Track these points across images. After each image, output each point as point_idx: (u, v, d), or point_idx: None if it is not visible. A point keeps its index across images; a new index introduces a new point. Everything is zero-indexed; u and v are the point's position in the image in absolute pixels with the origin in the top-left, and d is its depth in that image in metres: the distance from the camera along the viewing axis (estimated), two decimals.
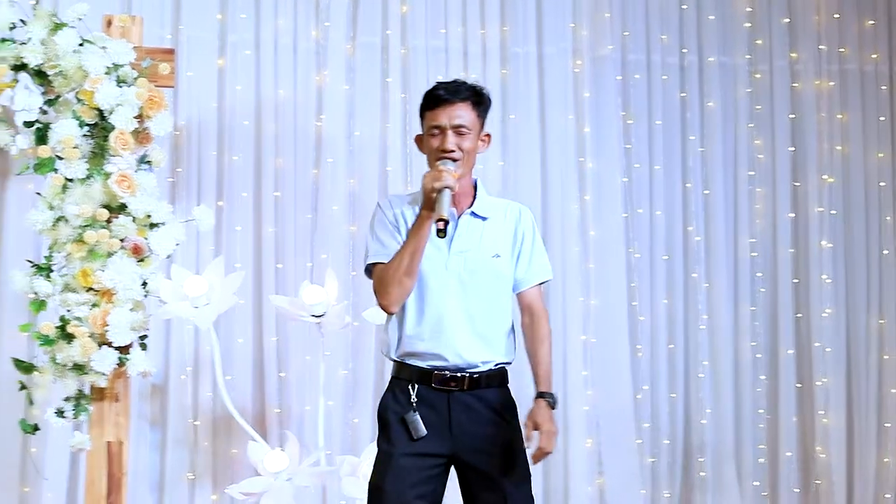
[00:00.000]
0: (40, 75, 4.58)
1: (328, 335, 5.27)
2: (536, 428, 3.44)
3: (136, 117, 4.57)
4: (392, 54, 5.98)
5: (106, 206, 4.56)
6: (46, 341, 4.57)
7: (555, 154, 6.09)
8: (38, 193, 4.67)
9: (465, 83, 3.60)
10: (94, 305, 4.54)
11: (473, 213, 3.60)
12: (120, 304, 4.53)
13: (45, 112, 4.64)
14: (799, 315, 6.26)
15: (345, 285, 5.59)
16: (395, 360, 3.61)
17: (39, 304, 4.61)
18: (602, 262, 6.11)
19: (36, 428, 4.74)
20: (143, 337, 4.66)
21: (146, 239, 4.60)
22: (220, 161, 5.74)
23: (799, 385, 6.23)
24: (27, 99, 4.56)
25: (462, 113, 3.52)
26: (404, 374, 3.56)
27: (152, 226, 4.63)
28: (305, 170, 5.84)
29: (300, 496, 5.23)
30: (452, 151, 3.50)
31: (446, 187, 3.39)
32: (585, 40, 6.18)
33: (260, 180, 5.78)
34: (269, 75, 5.85)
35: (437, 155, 3.51)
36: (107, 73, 4.55)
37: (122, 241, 4.56)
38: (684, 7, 6.31)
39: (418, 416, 3.48)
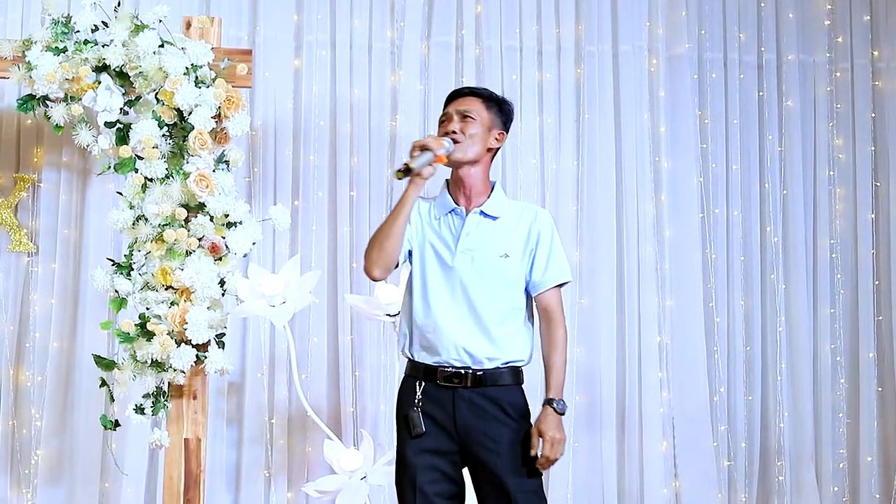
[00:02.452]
0: (121, 76, 4.64)
1: None
2: (541, 435, 3.50)
3: (214, 117, 4.61)
4: (467, 54, 5.98)
5: (185, 206, 4.61)
6: (126, 339, 4.63)
7: (630, 154, 6.04)
8: (119, 193, 4.73)
9: (481, 88, 3.77)
10: (172, 303, 4.59)
11: (483, 213, 3.64)
12: (198, 303, 4.57)
13: (125, 112, 4.71)
14: (880, 318, 6.14)
15: None
16: (407, 357, 3.69)
17: (120, 302, 4.67)
18: (678, 262, 6.05)
19: (116, 424, 4.80)
20: (220, 335, 4.70)
21: (224, 238, 4.64)
22: (296, 161, 5.78)
23: (880, 389, 6.11)
24: (109, 100, 4.62)
25: (469, 103, 3.65)
26: (413, 371, 3.64)
27: (230, 225, 4.67)
28: (380, 169, 5.86)
29: (375, 495, 5.25)
30: (454, 133, 3.59)
31: (427, 148, 3.48)
32: (661, 39, 6.13)
33: (335, 180, 5.81)
34: (344, 75, 5.88)
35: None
36: (186, 74, 4.59)
37: (200, 239, 4.60)
38: (763, 5, 6.23)
39: (419, 413, 3.55)
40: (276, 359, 5.68)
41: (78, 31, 4.64)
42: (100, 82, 4.62)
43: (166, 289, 4.60)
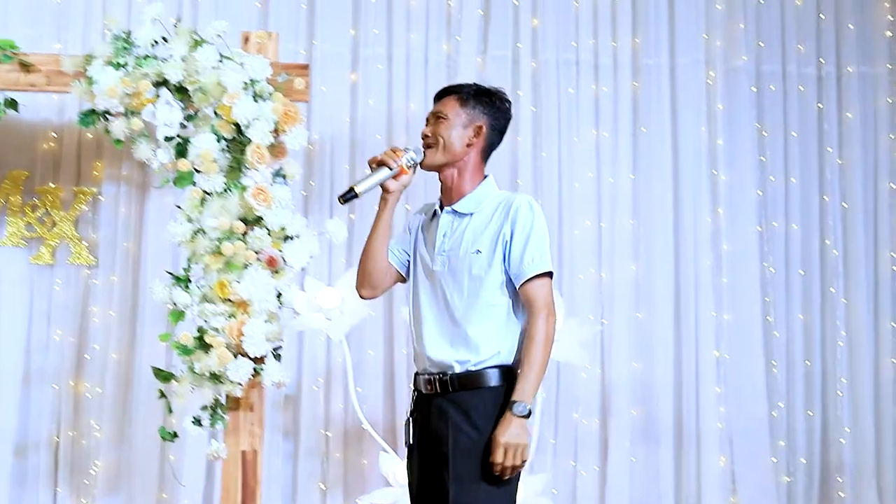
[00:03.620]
0: (181, 91, 4.69)
1: None
2: (494, 441, 3.23)
3: (271, 131, 4.64)
4: (523, 67, 5.98)
5: (242, 219, 4.64)
6: (185, 351, 4.66)
7: (687, 167, 6.01)
8: (178, 206, 4.78)
9: (468, 83, 3.58)
10: (230, 316, 4.62)
11: (454, 211, 3.48)
12: (255, 316, 4.60)
13: (184, 127, 4.75)
14: None
15: None
16: None
17: (178, 315, 4.71)
18: (735, 276, 6.00)
19: (174, 436, 4.83)
20: (277, 348, 4.72)
21: (281, 251, 4.66)
22: (353, 174, 5.79)
23: None
24: (168, 114, 4.67)
25: (444, 103, 3.50)
26: (413, 381, 3.53)
27: (287, 238, 4.69)
28: (435, 183, 5.82)
29: None
30: (426, 137, 3.49)
31: (383, 163, 3.40)
32: (719, 51, 6.10)
33: None
34: (400, 89, 5.90)
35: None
36: (244, 89, 4.63)
37: (257, 253, 4.63)
38: (822, 16, 6.17)
39: (409, 424, 3.44)
40: (332, 371, 5.70)
41: (138, 47, 4.69)
42: (159, 97, 4.67)
43: (224, 301, 4.63)
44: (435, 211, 3.55)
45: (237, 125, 4.63)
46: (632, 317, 5.88)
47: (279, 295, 4.66)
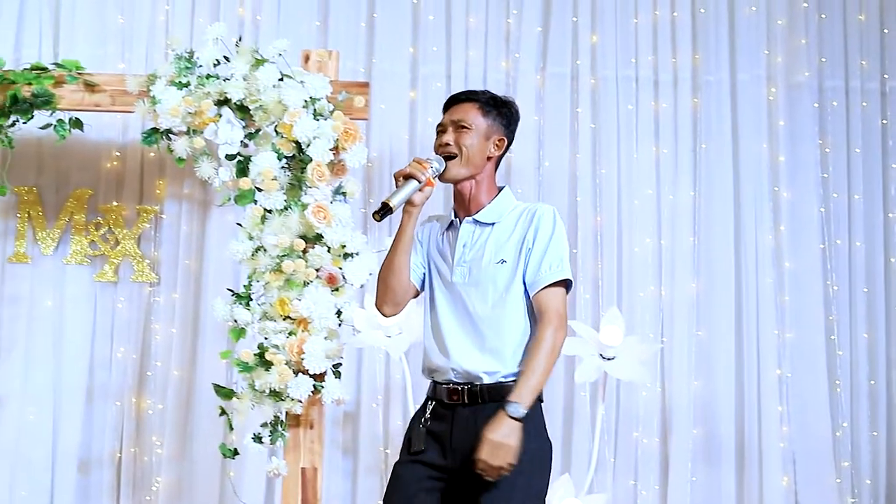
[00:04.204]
0: (242, 109, 4.73)
1: None
2: (483, 437, 3.17)
3: (331, 149, 4.67)
4: (582, 84, 5.97)
5: (302, 237, 4.66)
6: (245, 368, 4.68)
7: (748, 184, 5.96)
8: (239, 224, 4.81)
9: (481, 91, 3.49)
10: (290, 333, 4.64)
11: (475, 221, 3.42)
12: (315, 333, 4.61)
13: (245, 145, 4.79)
14: None
15: None
16: (427, 378, 3.48)
17: (239, 332, 4.74)
18: (798, 294, 5.93)
19: (235, 452, 4.85)
20: (337, 365, 4.73)
21: (341, 269, 4.68)
22: None
23: None
24: (229, 133, 4.71)
25: (465, 111, 3.40)
26: (428, 391, 3.43)
27: (347, 256, 4.71)
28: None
29: None
30: (448, 146, 3.38)
31: (411, 176, 3.30)
32: (780, 67, 6.04)
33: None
34: None
35: (436, 152, 3.41)
36: (304, 107, 4.66)
37: (317, 270, 4.65)
38: (886, 31, 6.09)
39: (422, 431, 3.33)
40: (391, 389, 5.70)
41: (200, 66, 4.75)
42: (221, 115, 4.72)
43: (284, 319, 4.65)
44: (452, 221, 3.48)
45: (297, 143, 4.67)
46: (692, 335, 5.83)
47: (339, 312, 4.68)
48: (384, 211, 3.26)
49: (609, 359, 5.03)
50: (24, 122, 4.93)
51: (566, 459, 5.71)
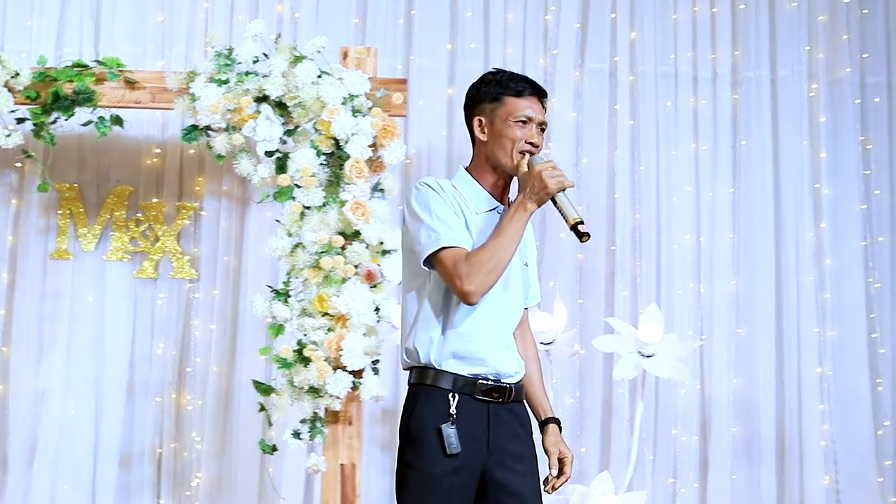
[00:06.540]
0: (281, 106, 4.75)
1: (556, 363, 5.25)
2: (562, 456, 3.21)
3: (370, 146, 4.68)
4: (620, 80, 5.95)
5: (341, 233, 4.67)
6: (284, 364, 4.70)
7: (789, 180, 5.92)
8: (277, 221, 4.83)
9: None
10: (329, 330, 4.65)
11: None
12: (354, 329, 4.62)
13: (284, 142, 4.81)
14: None
15: (573, 313, 5.57)
16: (429, 367, 3.19)
17: (278, 329, 4.75)
18: (839, 292, 5.89)
19: (274, 448, 4.86)
20: (375, 361, 4.74)
21: (379, 265, 4.69)
22: None
23: None
24: (268, 129, 4.73)
25: (543, 112, 3.25)
26: (443, 382, 3.17)
27: (385, 252, 4.71)
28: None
29: None
30: (537, 147, 3.19)
31: (566, 187, 3.09)
32: (821, 63, 6.00)
33: None
34: None
35: (521, 146, 3.19)
36: (343, 104, 4.67)
37: (356, 267, 4.66)
38: None
39: (454, 431, 3.13)
40: None
41: (240, 63, 4.77)
42: (260, 112, 4.74)
43: (323, 315, 4.66)
44: (496, 206, 3.26)
45: (336, 140, 4.68)
46: (731, 332, 5.80)
47: (377, 309, 4.69)
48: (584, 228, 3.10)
49: (648, 356, 5.01)
50: (65, 119, 4.97)
51: (605, 456, 5.70)
